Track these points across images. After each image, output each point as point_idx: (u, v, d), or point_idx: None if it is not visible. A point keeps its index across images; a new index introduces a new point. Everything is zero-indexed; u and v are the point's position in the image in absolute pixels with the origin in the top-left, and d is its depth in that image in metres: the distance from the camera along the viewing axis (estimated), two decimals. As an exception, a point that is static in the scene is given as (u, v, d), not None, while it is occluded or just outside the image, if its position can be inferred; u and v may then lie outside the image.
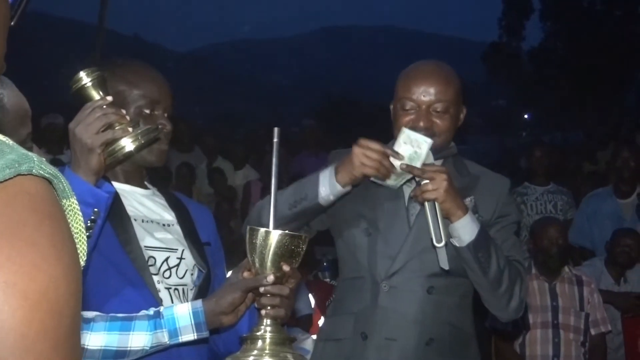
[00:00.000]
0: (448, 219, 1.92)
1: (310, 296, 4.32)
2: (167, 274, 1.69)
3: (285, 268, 1.47)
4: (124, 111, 1.60)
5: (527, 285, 2.05)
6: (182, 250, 1.73)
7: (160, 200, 1.79)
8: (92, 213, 1.49)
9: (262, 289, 1.49)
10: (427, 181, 1.89)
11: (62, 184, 0.64)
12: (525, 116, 30.57)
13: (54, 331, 0.57)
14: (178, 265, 1.71)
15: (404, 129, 1.94)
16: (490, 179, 2.14)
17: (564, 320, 3.69)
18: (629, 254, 4.17)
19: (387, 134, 2.21)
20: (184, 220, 1.78)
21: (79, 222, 0.66)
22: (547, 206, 5.08)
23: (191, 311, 1.54)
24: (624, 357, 4.05)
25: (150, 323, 1.53)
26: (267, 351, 1.41)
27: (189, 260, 1.73)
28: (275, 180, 1.46)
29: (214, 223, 1.89)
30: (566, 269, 3.82)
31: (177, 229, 1.76)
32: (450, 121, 2.04)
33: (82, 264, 0.65)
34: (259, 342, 1.43)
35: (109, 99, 1.57)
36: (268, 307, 1.48)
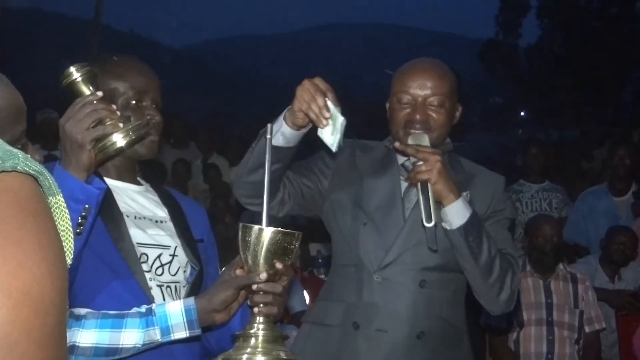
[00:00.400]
0: (440, 203, 1.92)
1: (305, 293, 4.32)
2: (159, 271, 1.68)
3: (278, 266, 1.46)
4: (114, 106, 1.59)
5: (518, 279, 2.05)
6: (175, 247, 1.72)
7: (153, 197, 1.78)
8: (83, 209, 1.48)
9: (254, 287, 1.48)
10: (421, 163, 1.90)
11: (48, 181, 0.63)
12: (522, 113, 30.62)
13: (38, 330, 0.56)
14: (170, 262, 1.70)
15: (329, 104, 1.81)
16: (485, 176, 2.15)
17: (559, 317, 3.70)
18: (623, 251, 4.18)
19: (385, 131, 2.21)
20: (177, 216, 1.77)
21: (66, 219, 0.65)
22: (542, 204, 5.08)
23: (183, 309, 1.53)
24: (618, 355, 4.06)
25: (142, 320, 1.52)
26: (259, 349, 1.41)
27: (181, 258, 1.72)
28: (268, 177, 1.46)
29: (207, 219, 1.88)
30: (561, 266, 3.83)
31: (169, 225, 1.75)
32: (445, 116, 2.05)
33: (68, 261, 0.64)
34: (252, 340, 1.43)
35: (99, 94, 1.56)
36: (261, 305, 1.47)
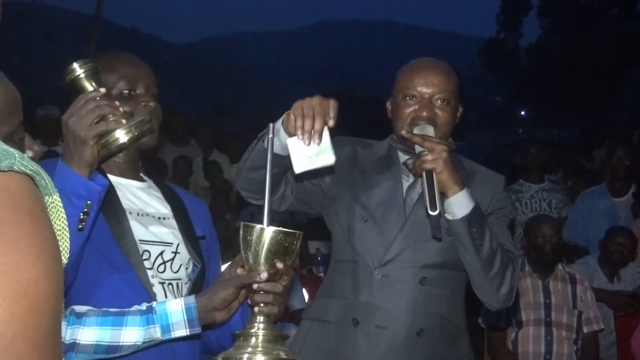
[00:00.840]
0: (444, 194, 1.92)
1: (304, 291, 4.32)
2: (161, 268, 1.68)
3: (279, 265, 1.46)
4: (117, 103, 1.60)
5: (518, 275, 2.05)
6: (177, 244, 1.72)
7: (156, 193, 1.78)
8: (85, 206, 1.48)
9: (255, 286, 1.48)
10: (427, 152, 1.91)
11: (45, 181, 0.63)
12: (522, 113, 30.61)
13: (33, 330, 0.56)
14: (173, 259, 1.70)
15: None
16: (485, 175, 2.15)
17: (557, 317, 3.70)
18: (622, 252, 4.18)
19: (384, 128, 2.21)
20: (180, 213, 1.77)
21: (62, 219, 0.65)
22: (541, 204, 5.08)
23: (184, 307, 1.54)
24: (616, 355, 4.06)
25: (143, 318, 1.53)
26: (259, 348, 1.41)
27: (183, 255, 1.72)
28: (269, 176, 1.46)
29: (209, 216, 1.88)
30: (560, 266, 3.83)
31: (172, 222, 1.75)
32: (450, 113, 2.06)
33: (64, 261, 0.64)
34: (252, 339, 1.43)
35: (103, 90, 1.56)
36: (261, 304, 1.48)
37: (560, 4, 24.81)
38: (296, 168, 1.62)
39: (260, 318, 1.46)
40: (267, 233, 1.43)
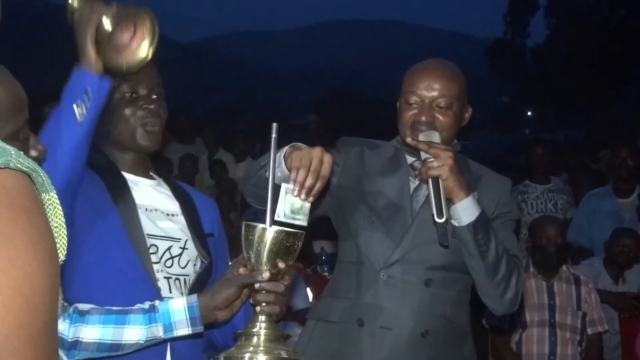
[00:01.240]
0: (450, 200, 1.92)
1: (308, 290, 4.32)
2: (168, 263, 1.70)
3: (281, 265, 1.47)
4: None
5: (523, 279, 2.05)
6: (186, 240, 1.74)
7: (165, 191, 1.81)
8: (84, 93, 1.49)
9: (257, 286, 1.49)
10: (432, 159, 1.90)
11: (42, 178, 0.63)
12: (528, 113, 30.57)
13: (28, 327, 0.56)
14: (180, 255, 1.72)
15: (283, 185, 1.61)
16: (491, 179, 2.15)
17: (561, 319, 3.69)
18: (627, 254, 4.17)
19: (388, 127, 2.21)
20: (188, 211, 1.80)
21: (59, 216, 0.65)
22: (547, 205, 5.07)
23: (186, 306, 1.54)
24: (620, 357, 4.05)
25: (145, 317, 1.54)
26: (261, 348, 1.41)
27: (191, 251, 1.74)
28: (273, 176, 1.46)
29: (218, 214, 1.90)
30: (564, 267, 3.82)
31: (181, 219, 1.77)
32: (453, 118, 2.05)
33: (62, 257, 0.64)
34: (254, 339, 1.43)
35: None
36: (263, 304, 1.48)
37: (568, 4, 24.75)
38: (278, 214, 1.54)
39: (262, 317, 1.47)
40: (269, 233, 1.44)
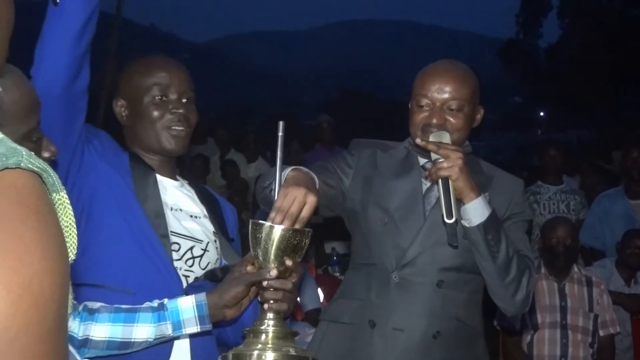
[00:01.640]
0: (460, 201, 1.92)
1: (320, 290, 4.32)
2: (189, 262, 1.73)
3: (288, 262, 1.47)
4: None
5: (534, 280, 2.05)
6: (207, 242, 1.77)
7: (189, 193, 1.83)
8: None
9: (265, 283, 1.50)
10: (442, 159, 1.90)
11: (52, 178, 0.63)
12: (541, 113, 30.41)
13: (38, 325, 0.57)
14: (201, 256, 1.75)
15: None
16: (504, 179, 2.14)
17: (573, 320, 3.68)
18: (639, 255, 4.14)
19: (400, 128, 2.21)
20: (216, 214, 1.83)
21: (69, 215, 0.65)
22: (559, 206, 5.04)
23: (195, 304, 1.55)
24: (632, 359, 4.02)
25: (155, 315, 1.55)
26: (269, 345, 1.42)
27: (212, 254, 1.77)
28: (279, 174, 1.47)
29: (237, 220, 1.93)
30: (576, 269, 3.80)
31: (203, 221, 1.80)
32: (464, 120, 2.05)
33: (72, 257, 0.64)
34: (262, 336, 1.44)
35: None
36: (271, 301, 1.49)
37: (581, 4, 24.60)
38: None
39: (270, 315, 1.47)
40: (276, 231, 1.45)
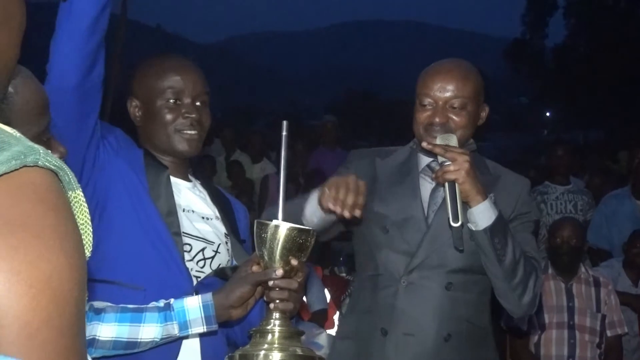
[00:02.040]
0: (467, 204, 1.91)
1: (326, 291, 4.32)
2: (201, 263, 1.73)
3: (294, 262, 1.47)
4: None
5: (541, 282, 2.04)
6: (219, 244, 1.77)
7: (202, 194, 1.84)
8: None
9: (271, 283, 1.49)
10: (449, 162, 1.89)
11: (68, 176, 0.65)
12: (547, 114, 30.37)
13: (58, 319, 0.58)
14: (213, 257, 1.75)
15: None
16: (510, 179, 2.13)
17: (580, 321, 3.66)
18: (646, 255, 4.12)
19: (406, 128, 2.20)
20: (228, 215, 1.83)
21: (85, 213, 0.67)
22: (567, 206, 5.02)
23: (201, 304, 1.55)
24: (640, 360, 4.01)
25: (161, 315, 1.55)
26: (276, 345, 1.41)
27: (223, 255, 1.77)
28: (284, 174, 1.46)
29: (248, 221, 1.92)
30: (583, 269, 3.79)
31: (215, 223, 1.80)
32: (467, 118, 2.03)
33: (87, 254, 0.66)
34: (269, 336, 1.43)
35: None
36: (277, 301, 1.48)
37: (587, 4, 24.54)
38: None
39: (276, 315, 1.47)
40: (282, 230, 1.44)
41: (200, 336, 1.64)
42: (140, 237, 1.66)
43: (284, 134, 1.49)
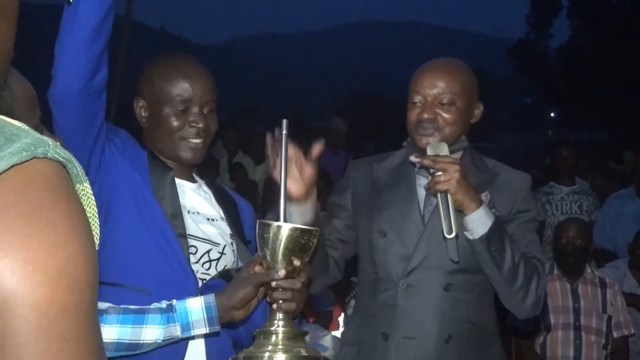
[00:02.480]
0: (461, 212, 1.90)
1: (330, 292, 4.31)
2: (206, 265, 1.72)
3: (296, 262, 1.46)
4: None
5: (544, 283, 2.02)
6: (224, 246, 1.76)
7: (207, 195, 1.83)
8: None
9: (273, 284, 1.49)
10: (440, 173, 1.88)
11: (76, 169, 0.65)
12: (552, 114, 30.32)
13: (74, 307, 0.58)
14: (219, 259, 1.74)
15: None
16: (509, 175, 2.11)
17: (586, 322, 3.65)
18: (652, 256, 4.11)
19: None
20: (233, 216, 1.82)
21: (92, 206, 0.67)
22: (572, 206, 5.01)
23: (204, 306, 1.55)
24: (646, 361, 3.99)
25: (163, 317, 1.54)
26: (280, 346, 1.41)
27: (229, 257, 1.76)
28: (285, 173, 1.45)
29: (254, 218, 1.91)
30: (589, 270, 3.77)
31: (220, 224, 1.79)
32: (456, 114, 2.02)
33: (96, 244, 0.66)
34: (272, 337, 1.43)
35: None
36: (280, 301, 1.48)
37: (591, 4, 24.51)
38: None
39: (279, 315, 1.46)
40: (284, 230, 1.43)
41: (205, 338, 1.63)
42: (145, 239, 1.65)
43: (284, 132, 1.48)
